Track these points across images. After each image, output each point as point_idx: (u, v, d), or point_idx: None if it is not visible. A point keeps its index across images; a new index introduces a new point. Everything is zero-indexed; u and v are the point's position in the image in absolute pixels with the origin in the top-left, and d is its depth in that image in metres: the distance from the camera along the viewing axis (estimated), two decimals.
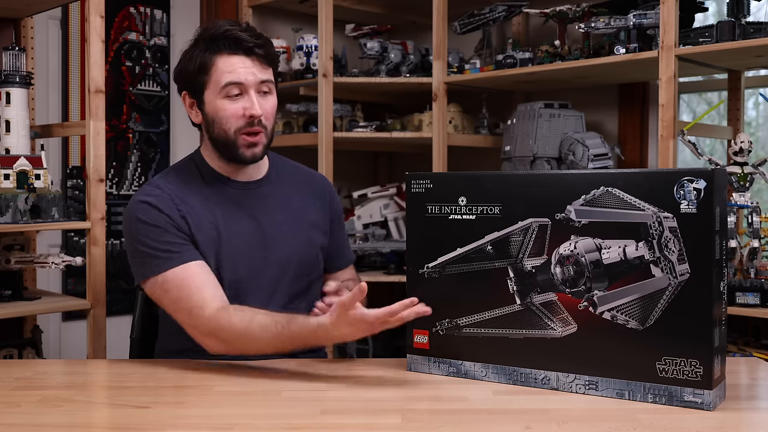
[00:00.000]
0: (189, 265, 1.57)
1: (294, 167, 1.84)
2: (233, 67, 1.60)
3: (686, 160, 3.07)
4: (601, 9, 2.68)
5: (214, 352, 1.55)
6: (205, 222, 1.63)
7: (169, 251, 1.57)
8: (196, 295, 1.54)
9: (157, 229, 1.59)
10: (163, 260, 1.57)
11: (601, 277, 1.32)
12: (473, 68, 2.95)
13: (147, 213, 1.60)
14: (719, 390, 1.28)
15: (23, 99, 2.30)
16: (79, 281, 3.07)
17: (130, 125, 3.27)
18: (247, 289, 1.65)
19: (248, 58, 1.61)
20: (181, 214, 1.61)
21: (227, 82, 1.60)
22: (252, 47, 1.61)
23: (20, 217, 2.13)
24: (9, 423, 1.21)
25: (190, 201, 1.64)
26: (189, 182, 1.68)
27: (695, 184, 1.23)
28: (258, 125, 1.62)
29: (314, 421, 1.22)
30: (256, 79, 1.61)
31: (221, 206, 1.67)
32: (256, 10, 3.35)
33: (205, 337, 1.54)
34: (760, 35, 2.26)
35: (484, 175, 1.44)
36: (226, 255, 1.64)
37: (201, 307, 1.53)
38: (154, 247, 1.58)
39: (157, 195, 1.63)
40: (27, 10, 2.54)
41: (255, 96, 1.61)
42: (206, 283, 1.56)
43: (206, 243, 1.62)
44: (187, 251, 1.59)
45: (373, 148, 3.52)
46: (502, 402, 1.32)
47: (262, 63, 1.63)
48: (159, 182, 1.67)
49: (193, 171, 1.71)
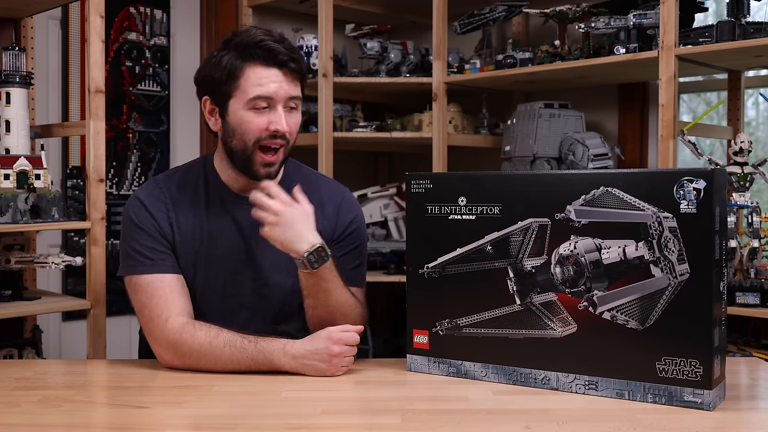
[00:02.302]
0: (164, 276, 1.57)
1: (309, 178, 1.73)
2: (264, 80, 1.53)
3: (686, 160, 3.07)
4: (601, 9, 2.68)
5: (167, 365, 1.55)
6: (193, 232, 1.62)
7: (147, 257, 1.58)
8: (162, 306, 1.54)
9: (141, 233, 1.59)
10: (140, 263, 1.57)
11: (601, 277, 1.32)
12: (473, 68, 2.95)
13: (138, 213, 1.61)
14: (719, 390, 1.28)
15: (23, 99, 2.30)
16: (79, 281, 3.07)
17: (130, 125, 3.27)
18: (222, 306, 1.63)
19: (281, 71, 1.54)
20: (169, 221, 1.61)
21: (257, 95, 1.53)
22: (286, 61, 1.54)
23: (20, 217, 2.13)
24: (9, 423, 1.21)
25: (184, 208, 1.63)
26: (191, 188, 1.65)
27: (695, 184, 1.23)
28: (280, 139, 1.56)
29: (314, 421, 1.22)
30: (285, 95, 1.55)
31: (216, 219, 1.63)
32: (256, 10, 3.35)
33: (163, 349, 1.54)
34: (760, 35, 2.26)
35: (484, 175, 1.44)
36: (206, 269, 1.62)
37: (165, 318, 1.53)
38: (135, 249, 1.58)
39: (153, 195, 1.63)
40: (27, 10, 2.54)
41: (282, 111, 1.55)
42: (176, 296, 1.56)
43: (187, 253, 1.61)
44: (164, 261, 1.58)
45: (373, 148, 3.52)
46: (502, 402, 1.32)
47: (294, 78, 1.56)
48: (161, 181, 1.67)
49: (200, 177, 1.67)
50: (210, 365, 1.50)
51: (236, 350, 1.48)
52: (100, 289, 2.26)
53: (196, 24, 3.47)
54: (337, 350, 1.46)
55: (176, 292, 1.57)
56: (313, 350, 1.46)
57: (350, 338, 1.48)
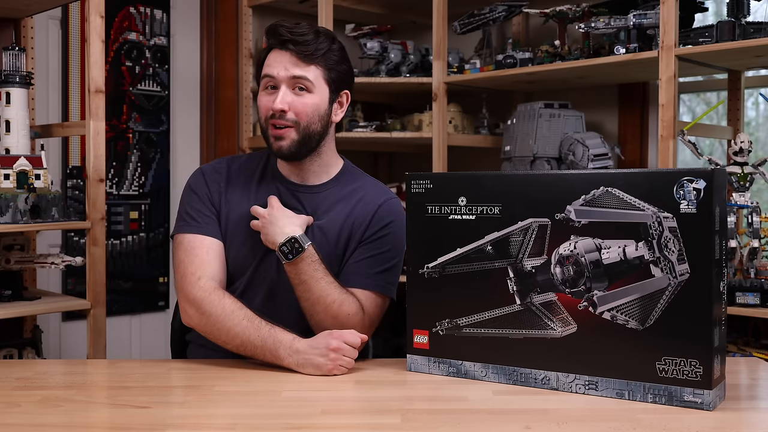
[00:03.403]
0: (204, 238, 1.63)
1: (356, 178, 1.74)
2: (271, 61, 1.61)
3: (686, 160, 3.07)
4: (601, 9, 2.68)
5: (188, 323, 1.60)
6: (238, 206, 1.67)
7: (194, 219, 1.65)
8: (198, 265, 1.60)
9: (194, 196, 1.68)
10: (186, 223, 1.65)
11: (600, 277, 1.32)
12: (473, 68, 2.95)
13: (196, 179, 1.70)
14: (719, 390, 1.28)
15: (23, 99, 2.30)
16: (79, 281, 3.07)
17: (130, 125, 3.27)
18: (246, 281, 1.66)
19: (285, 51, 1.59)
20: (220, 192, 1.68)
21: (263, 74, 1.62)
22: (285, 41, 1.59)
23: (20, 217, 2.13)
24: (9, 423, 1.21)
25: (239, 183, 1.70)
26: (250, 168, 1.72)
27: (695, 184, 1.23)
28: (282, 119, 1.60)
29: (314, 421, 1.22)
30: (287, 74, 1.59)
31: (262, 199, 1.66)
32: (256, 10, 3.35)
33: (188, 305, 1.58)
34: (760, 35, 2.26)
35: (484, 175, 1.44)
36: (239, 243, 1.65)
37: (198, 277, 1.59)
38: (186, 211, 1.67)
39: (214, 168, 1.72)
40: (27, 10, 2.54)
41: (284, 91, 1.59)
42: (212, 259, 1.63)
43: (228, 223, 1.66)
44: (208, 224, 1.65)
45: (373, 148, 3.52)
46: (502, 402, 1.32)
47: (300, 59, 1.59)
48: (229, 159, 1.75)
49: (261, 161, 1.74)
50: (224, 333, 1.54)
51: (252, 326, 1.52)
52: (100, 289, 2.26)
53: (196, 24, 3.48)
54: (335, 344, 1.47)
55: (213, 256, 1.63)
56: (313, 345, 1.49)
57: (350, 337, 1.49)
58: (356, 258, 1.66)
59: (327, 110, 1.64)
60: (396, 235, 1.68)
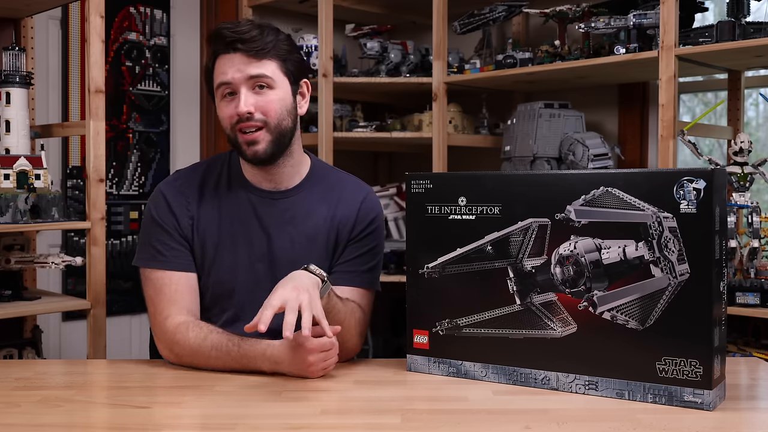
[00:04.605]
0: (173, 274, 1.58)
1: (331, 176, 1.71)
2: (222, 67, 1.54)
3: (686, 160, 3.07)
4: (601, 9, 2.68)
5: (169, 361, 1.58)
6: (211, 227, 1.61)
7: (160, 253, 1.59)
8: (165, 304, 1.56)
9: (158, 228, 1.60)
10: (152, 258, 1.60)
11: (600, 277, 1.32)
12: (473, 68, 2.95)
13: (158, 207, 1.62)
14: (719, 390, 1.28)
15: (23, 99, 2.30)
16: (79, 281, 3.07)
17: (130, 125, 3.27)
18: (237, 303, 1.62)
19: (235, 54, 1.52)
20: (189, 214, 1.61)
21: (218, 83, 1.55)
22: (232, 42, 1.52)
23: (20, 217, 2.13)
24: (9, 423, 1.21)
25: (206, 200, 1.62)
26: (212, 180, 1.65)
27: (695, 184, 1.23)
28: (252, 122, 1.53)
29: (314, 421, 1.22)
30: (243, 75, 1.52)
31: (235, 214, 1.62)
32: (256, 10, 3.35)
33: (160, 343, 1.58)
34: (760, 35, 2.26)
35: (484, 175, 1.44)
36: (221, 265, 1.61)
37: (165, 317, 1.56)
38: (150, 243, 1.60)
39: (178, 190, 1.62)
40: (27, 10, 2.54)
41: (245, 93, 1.52)
42: (180, 295, 1.58)
43: (204, 248, 1.61)
44: (177, 258, 1.59)
45: (373, 148, 3.52)
46: (502, 402, 1.32)
47: (252, 57, 1.52)
48: (188, 173, 1.66)
49: (224, 170, 1.66)
50: (202, 365, 1.52)
51: (222, 353, 1.49)
52: (100, 289, 2.26)
53: (196, 24, 3.48)
54: (312, 359, 1.43)
55: (181, 291, 1.58)
56: (290, 359, 1.45)
57: (326, 344, 1.44)
58: (346, 258, 1.65)
59: (293, 103, 1.59)
60: (380, 229, 1.71)
